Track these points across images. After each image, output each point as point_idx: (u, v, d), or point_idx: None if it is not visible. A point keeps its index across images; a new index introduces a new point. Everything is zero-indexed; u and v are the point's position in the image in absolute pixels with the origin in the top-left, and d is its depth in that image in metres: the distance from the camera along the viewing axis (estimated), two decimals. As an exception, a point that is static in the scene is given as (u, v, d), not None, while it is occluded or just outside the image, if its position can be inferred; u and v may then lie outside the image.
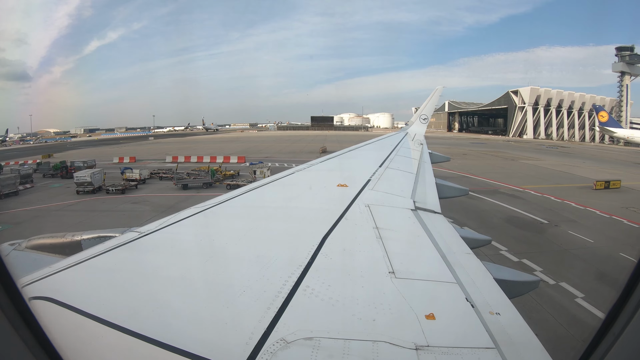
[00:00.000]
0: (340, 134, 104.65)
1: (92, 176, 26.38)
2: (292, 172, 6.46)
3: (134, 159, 44.56)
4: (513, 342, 2.09)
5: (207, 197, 18.97)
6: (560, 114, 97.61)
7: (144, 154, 52.13)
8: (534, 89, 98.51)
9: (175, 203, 23.01)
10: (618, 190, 28.77)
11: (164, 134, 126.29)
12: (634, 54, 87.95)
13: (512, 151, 59.44)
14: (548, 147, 72.75)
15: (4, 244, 4.44)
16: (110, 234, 3.91)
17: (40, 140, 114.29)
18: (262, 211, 4.53)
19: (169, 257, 3.08)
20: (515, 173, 36.21)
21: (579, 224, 19.51)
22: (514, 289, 3.09)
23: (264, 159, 43.94)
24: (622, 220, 20.69)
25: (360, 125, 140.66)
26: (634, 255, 14.21)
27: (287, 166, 37.35)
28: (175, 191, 26.50)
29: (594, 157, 54.68)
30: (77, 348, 1.83)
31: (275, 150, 56.34)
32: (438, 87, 15.36)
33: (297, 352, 1.87)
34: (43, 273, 2.55)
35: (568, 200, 24.85)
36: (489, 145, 69.84)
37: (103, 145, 76.19)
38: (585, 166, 43.16)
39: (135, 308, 2.24)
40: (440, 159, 11.88)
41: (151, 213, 20.96)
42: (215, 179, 28.28)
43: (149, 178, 30.03)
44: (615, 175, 32.90)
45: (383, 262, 2.92)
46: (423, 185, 6.24)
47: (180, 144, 72.49)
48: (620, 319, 1.66)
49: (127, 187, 26.67)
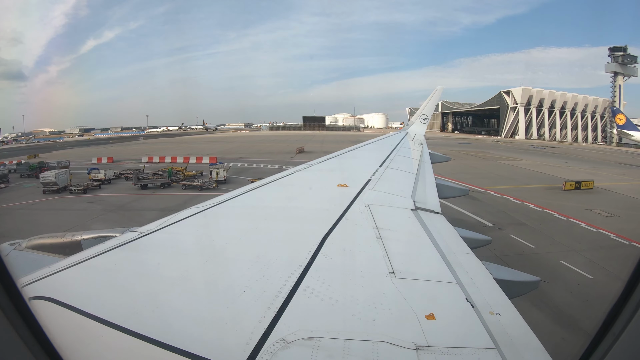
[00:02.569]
0: (329, 134, 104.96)
1: (57, 176, 27.19)
2: (292, 172, 6.46)
3: (112, 160, 45.30)
4: (513, 342, 2.09)
5: (160, 197, 19.79)
6: (553, 115, 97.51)
7: (126, 154, 51.91)
8: (525, 89, 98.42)
9: (127, 202, 23.84)
10: (590, 191, 27.85)
11: (154, 134, 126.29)
12: (627, 55, 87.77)
13: (495, 151, 58.37)
14: (536, 147, 71.92)
15: (4, 244, 4.44)
16: (110, 234, 3.92)
17: (33, 140, 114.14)
18: (262, 211, 4.53)
19: (169, 257, 3.07)
20: (487, 174, 35.22)
21: (528, 227, 18.38)
22: (514, 289, 3.09)
23: (238, 159, 44.44)
24: (579, 223, 19.50)
25: (352, 126, 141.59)
26: (576, 263, 13.67)
27: (255, 166, 38.27)
28: (133, 191, 27.17)
29: (580, 158, 54.02)
30: (77, 348, 1.83)
31: (255, 151, 56.13)
32: (438, 87, 15.35)
33: (297, 352, 1.86)
34: (43, 273, 2.56)
35: (528, 201, 23.75)
36: (474, 146, 68.45)
37: (92, 146, 75.91)
38: (565, 166, 42.33)
39: (135, 308, 2.24)
40: (441, 159, 11.89)
41: (100, 212, 21.66)
42: (176, 179, 29.18)
43: (114, 178, 31.05)
44: (595, 176, 31.96)
45: (383, 262, 2.92)
46: (423, 185, 6.24)
47: (165, 145, 72.14)
48: (620, 319, 1.66)
49: (89, 187, 27.59)
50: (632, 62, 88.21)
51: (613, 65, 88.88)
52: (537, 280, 3.77)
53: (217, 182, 27.43)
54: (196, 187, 26.98)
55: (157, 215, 17.22)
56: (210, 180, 27.87)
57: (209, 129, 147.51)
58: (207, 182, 27.50)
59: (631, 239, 17.10)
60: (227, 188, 26.53)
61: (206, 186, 26.94)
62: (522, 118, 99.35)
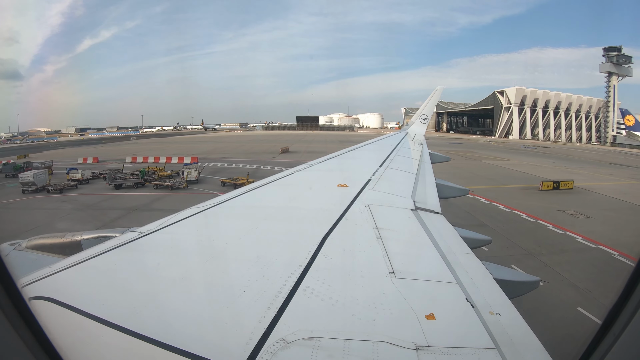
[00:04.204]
0: (320, 134, 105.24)
1: (35, 177, 27.89)
2: (292, 172, 6.46)
3: (97, 160, 45.84)
4: (513, 342, 2.09)
5: (130, 197, 20.89)
6: (547, 115, 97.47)
7: (114, 154, 52.15)
8: (519, 89, 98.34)
9: (96, 202, 24.61)
10: (568, 192, 27.33)
11: (148, 134, 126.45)
12: (622, 55, 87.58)
13: (484, 151, 58.03)
14: (527, 147, 71.55)
15: (4, 244, 4.44)
16: (110, 234, 3.91)
17: (28, 140, 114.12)
18: (262, 211, 4.52)
19: (169, 257, 3.07)
20: (467, 174, 34.77)
21: (489, 228, 17.71)
22: (514, 289, 3.09)
23: (221, 159, 44.99)
24: (546, 224, 18.88)
25: (346, 126, 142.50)
26: (527, 267, 13.17)
27: (234, 166, 38.63)
28: (107, 191, 27.85)
29: (569, 157, 53.49)
30: (77, 348, 1.83)
31: (240, 151, 56.36)
32: (438, 87, 15.32)
33: (297, 352, 1.86)
34: (43, 273, 2.55)
35: (498, 202, 23.17)
36: (464, 146, 68.01)
37: (83, 146, 76.32)
38: (551, 166, 41.73)
39: (135, 308, 2.24)
40: (441, 159, 11.88)
41: (69, 211, 22.22)
42: (151, 179, 29.89)
43: (92, 178, 31.73)
44: (580, 175, 31.40)
45: (383, 262, 2.92)
46: (423, 185, 6.24)
47: (156, 145, 72.40)
48: (620, 319, 1.66)
49: (65, 187, 28.18)
50: (626, 62, 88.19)
51: (607, 65, 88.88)
52: (537, 280, 3.77)
53: (187, 182, 28.23)
54: (167, 187, 27.75)
55: (120, 214, 17.79)
56: (181, 180, 28.73)
57: (207, 129, 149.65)
58: (177, 182, 28.33)
59: (599, 241, 16.36)
60: (197, 188, 27.66)
61: (176, 186, 27.70)
62: (516, 118, 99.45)
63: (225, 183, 28.34)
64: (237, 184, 26.35)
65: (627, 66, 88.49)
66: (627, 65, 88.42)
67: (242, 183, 26.58)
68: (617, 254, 15.21)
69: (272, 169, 36.32)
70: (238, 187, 29.15)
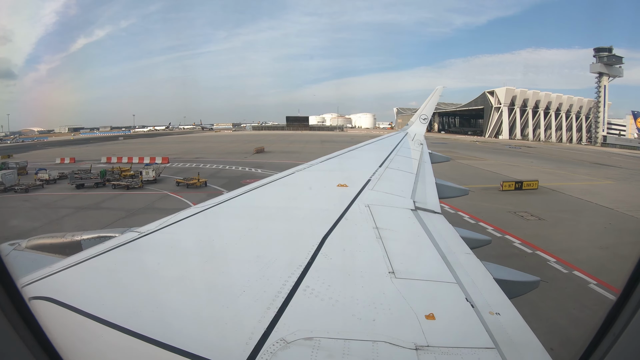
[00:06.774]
0: (306, 134, 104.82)
1: (4, 177, 28.93)
2: (292, 172, 6.46)
3: (74, 160, 46.10)
4: (513, 342, 2.09)
5: (86, 196, 21.89)
6: (537, 115, 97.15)
7: (94, 154, 51.90)
8: (509, 90, 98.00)
9: (53, 201, 25.26)
10: (531, 192, 26.12)
11: (136, 135, 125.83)
12: (612, 55, 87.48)
13: (463, 151, 56.95)
14: (512, 147, 70.96)
15: (4, 244, 4.44)
16: (110, 234, 3.91)
17: (18, 139, 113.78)
18: (262, 211, 4.52)
19: (169, 257, 3.07)
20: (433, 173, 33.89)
21: None
22: (514, 289, 3.09)
23: (194, 159, 45.33)
24: (486, 226, 17.93)
25: (336, 126, 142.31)
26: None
27: (202, 166, 38.91)
28: (68, 191, 28.62)
29: (550, 157, 52.59)
30: (77, 348, 1.83)
31: (217, 151, 56.03)
32: (438, 87, 15.31)
33: (297, 352, 1.87)
34: (43, 273, 2.55)
35: (446, 203, 22.25)
36: (448, 146, 66.18)
37: (70, 146, 76.07)
38: (528, 166, 40.54)
39: (135, 308, 2.24)
40: (441, 159, 11.88)
41: (26, 210, 23.16)
42: (113, 179, 30.63)
43: (59, 178, 32.38)
44: (554, 175, 30.57)
45: (383, 262, 2.92)
46: (423, 185, 6.24)
47: (141, 145, 72.13)
48: (620, 319, 1.65)
49: (31, 187, 28.97)
50: (617, 62, 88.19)
51: (598, 65, 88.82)
52: (537, 280, 3.76)
53: (143, 182, 29.22)
54: (124, 187, 28.64)
55: (69, 212, 18.01)
56: (137, 180, 29.62)
57: (204, 128, 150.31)
58: (134, 182, 29.22)
59: (538, 247, 15.20)
60: (153, 188, 28.63)
61: (132, 186, 28.66)
62: (506, 118, 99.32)
63: (179, 183, 29.11)
64: (189, 184, 28.32)
65: (617, 66, 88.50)
66: (617, 66, 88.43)
67: (193, 183, 28.47)
68: (553, 260, 13.90)
69: (236, 169, 37.51)
70: (190, 187, 28.06)
